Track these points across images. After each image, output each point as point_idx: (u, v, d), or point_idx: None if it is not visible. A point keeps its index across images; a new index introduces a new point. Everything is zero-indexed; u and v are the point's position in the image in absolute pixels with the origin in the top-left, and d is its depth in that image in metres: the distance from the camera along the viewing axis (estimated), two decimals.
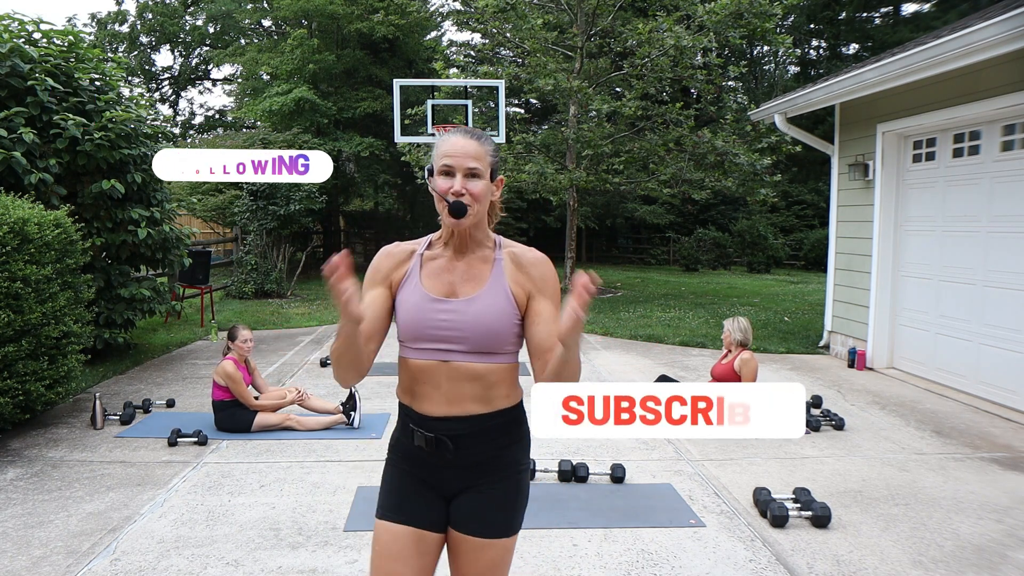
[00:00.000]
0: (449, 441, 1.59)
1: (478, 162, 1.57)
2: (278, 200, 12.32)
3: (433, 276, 1.64)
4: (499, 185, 1.69)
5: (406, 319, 1.61)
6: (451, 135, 1.61)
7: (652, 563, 2.92)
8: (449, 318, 1.58)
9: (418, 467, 1.64)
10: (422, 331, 1.58)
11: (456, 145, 1.58)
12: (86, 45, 6.57)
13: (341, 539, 3.13)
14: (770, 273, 19.50)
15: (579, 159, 12.79)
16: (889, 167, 6.66)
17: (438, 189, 1.57)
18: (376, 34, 17.48)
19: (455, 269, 1.64)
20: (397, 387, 1.71)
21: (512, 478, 1.66)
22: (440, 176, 1.58)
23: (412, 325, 1.59)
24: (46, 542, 3.07)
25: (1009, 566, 2.91)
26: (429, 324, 1.58)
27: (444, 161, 1.57)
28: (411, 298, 1.62)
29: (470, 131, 1.62)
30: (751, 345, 4.82)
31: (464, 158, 1.56)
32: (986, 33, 4.60)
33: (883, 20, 22.98)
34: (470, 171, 1.57)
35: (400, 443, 1.69)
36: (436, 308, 1.59)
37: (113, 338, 6.39)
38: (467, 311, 1.58)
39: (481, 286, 1.61)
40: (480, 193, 1.57)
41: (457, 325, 1.57)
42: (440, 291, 1.62)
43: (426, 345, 1.58)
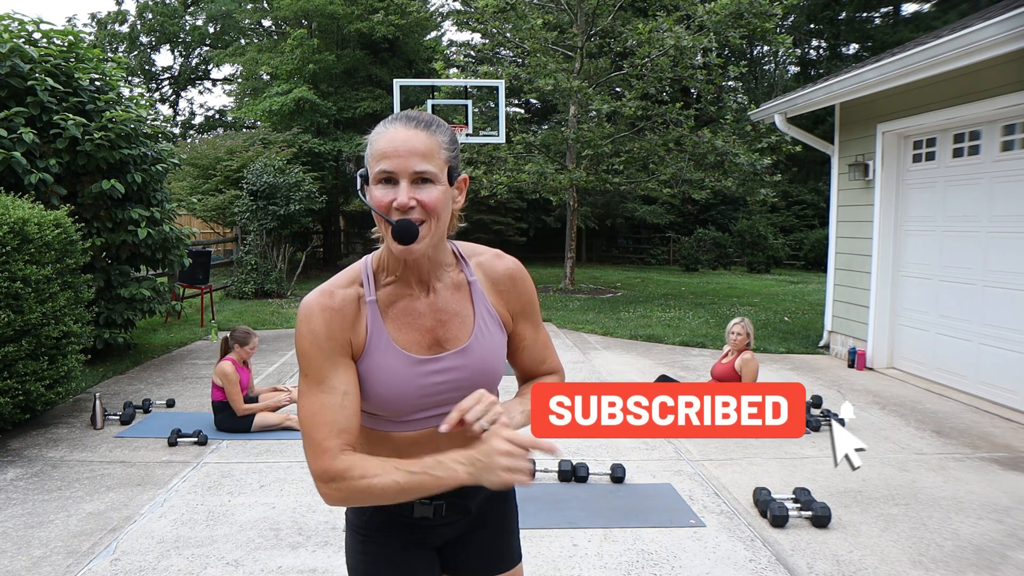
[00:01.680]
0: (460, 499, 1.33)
1: (428, 161, 1.15)
2: (278, 200, 12.32)
3: (403, 327, 1.24)
4: (462, 187, 1.27)
5: (387, 395, 1.23)
6: (388, 126, 1.17)
7: (652, 563, 2.92)
8: (447, 378, 1.25)
9: (409, 534, 1.36)
10: (415, 402, 1.24)
11: (396, 140, 1.14)
12: (86, 45, 6.57)
13: (341, 539, 3.13)
14: (770, 273, 19.50)
15: (579, 159, 12.79)
16: (889, 167, 6.66)
17: (377, 205, 1.15)
18: (376, 34, 17.49)
19: (426, 310, 1.26)
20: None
21: (509, 503, 1.48)
22: (378, 186, 1.16)
23: (399, 400, 1.23)
24: (46, 542, 3.07)
25: (1009, 566, 2.91)
26: (423, 392, 1.24)
27: (382, 165, 1.14)
28: (387, 367, 1.22)
29: (414, 117, 1.19)
30: (752, 345, 4.83)
31: (408, 158, 1.14)
32: (986, 33, 4.60)
33: (883, 20, 23.00)
34: (419, 175, 1.14)
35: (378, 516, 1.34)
36: (427, 371, 1.24)
37: (113, 338, 6.39)
38: (467, 364, 1.26)
39: (468, 325, 1.28)
40: (435, 204, 1.15)
41: (458, 383, 1.25)
42: (423, 346, 1.25)
43: (420, 415, 1.26)
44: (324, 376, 1.19)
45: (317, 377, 1.19)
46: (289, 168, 13.10)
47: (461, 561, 1.41)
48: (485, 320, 1.29)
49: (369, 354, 1.22)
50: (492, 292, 1.32)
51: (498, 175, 12.58)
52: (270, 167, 12.69)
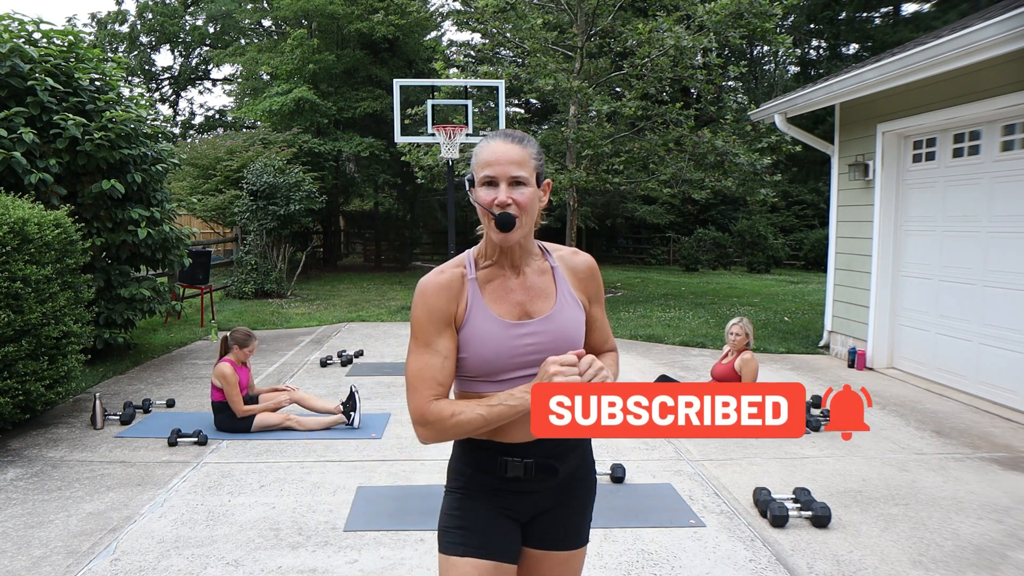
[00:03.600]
0: (552, 461, 1.52)
1: (522, 168, 1.45)
2: (278, 200, 12.33)
3: (498, 300, 1.52)
4: (546, 190, 1.56)
5: (485, 353, 1.48)
6: (490, 141, 1.48)
7: (652, 563, 2.92)
8: (534, 341, 1.49)
9: (503, 498, 1.55)
10: (507, 361, 1.48)
11: (497, 152, 1.45)
12: (86, 45, 6.57)
13: (341, 539, 3.13)
14: (770, 273, 19.50)
15: (579, 159, 12.79)
16: (889, 167, 6.66)
17: (481, 202, 1.46)
18: (376, 34, 17.48)
19: (517, 288, 1.53)
20: None
21: (591, 479, 1.65)
22: (482, 187, 1.47)
23: (494, 358, 1.48)
24: (46, 542, 3.07)
25: (1009, 566, 2.91)
26: (514, 352, 1.48)
27: (486, 172, 1.46)
28: (485, 329, 1.48)
29: (510, 134, 1.49)
30: (751, 345, 4.83)
31: (507, 165, 1.44)
32: (986, 33, 4.60)
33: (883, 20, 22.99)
34: (514, 179, 1.45)
35: (477, 478, 1.55)
36: (517, 334, 1.49)
37: (113, 338, 6.39)
38: (549, 329, 1.51)
39: (551, 300, 1.54)
40: (527, 202, 1.46)
41: (542, 347, 1.49)
42: (513, 314, 1.51)
43: (512, 375, 1.49)
44: (431, 340, 1.47)
45: (425, 340, 1.47)
46: (289, 168, 13.10)
47: (541, 533, 1.59)
48: (566, 298, 1.55)
49: (469, 320, 1.49)
50: (572, 278, 1.59)
51: None
52: (270, 167, 12.69)
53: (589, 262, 1.63)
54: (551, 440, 1.45)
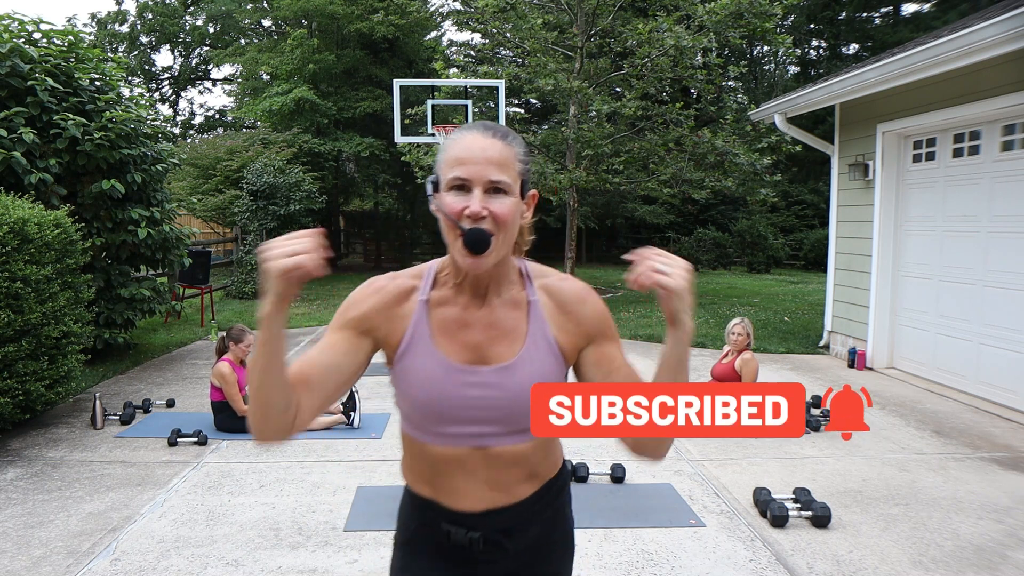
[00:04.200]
0: (503, 536, 1.25)
1: (504, 172, 1.12)
2: (278, 200, 12.33)
3: (449, 332, 1.20)
4: (531, 202, 1.23)
5: (421, 396, 1.19)
6: (465, 133, 1.15)
7: (652, 563, 2.92)
8: (482, 394, 1.18)
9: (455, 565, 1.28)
10: (446, 412, 1.18)
11: (473, 148, 1.12)
12: (86, 45, 6.57)
13: (341, 539, 3.13)
14: (770, 273, 19.50)
15: (579, 159, 12.79)
16: (889, 167, 6.66)
17: (447, 211, 1.12)
18: (376, 34, 17.49)
19: (477, 321, 1.20)
20: (404, 469, 1.32)
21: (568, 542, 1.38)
22: (450, 192, 1.12)
23: (431, 405, 1.19)
24: (46, 542, 3.07)
25: (1009, 566, 2.91)
26: (455, 403, 1.18)
27: (456, 172, 1.12)
28: (424, 367, 1.19)
29: (491, 127, 1.16)
30: (752, 345, 4.83)
31: (484, 166, 1.11)
32: (986, 33, 4.60)
33: (883, 20, 22.99)
34: (493, 185, 1.12)
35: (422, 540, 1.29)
36: (463, 382, 1.18)
37: (113, 338, 6.39)
38: (506, 384, 1.18)
39: (518, 344, 1.20)
40: (508, 216, 1.12)
41: (493, 403, 1.18)
42: (464, 355, 1.19)
43: (453, 429, 1.19)
44: (326, 334, 1.23)
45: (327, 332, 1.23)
46: (289, 168, 13.10)
47: None
48: (538, 343, 1.20)
49: (407, 352, 1.20)
50: (558, 315, 1.23)
51: None
52: (270, 167, 12.69)
53: (581, 290, 1.26)
54: (505, 511, 1.23)
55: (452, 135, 1.19)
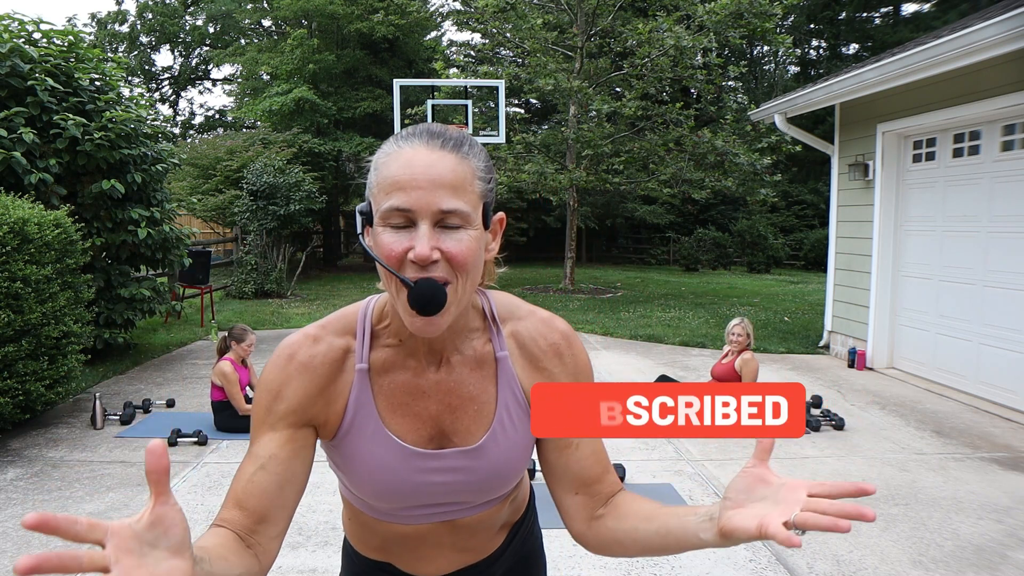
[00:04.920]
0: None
1: (459, 196, 0.84)
2: (278, 200, 12.32)
3: (400, 406, 0.96)
4: (499, 229, 0.95)
5: (371, 486, 0.98)
6: (403, 144, 0.86)
7: (652, 563, 2.92)
8: (447, 480, 0.97)
9: None
10: (404, 498, 0.99)
11: (415, 166, 0.83)
12: (86, 45, 6.57)
13: (341, 539, 3.13)
14: (770, 273, 19.50)
15: (579, 159, 12.79)
16: (889, 167, 6.66)
17: (384, 254, 0.84)
18: (376, 34, 17.49)
19: (432, 388, 0.97)
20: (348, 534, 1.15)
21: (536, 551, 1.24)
22: (386, 229, 0.84)
23: (385, 495, 0.98)
24: (46, 542, 3.07)
25: (1009, 566, 2.91)
26: (415, 491, 0.97)
27: (395, 200, 0.83)
28: (373, 454, 0.96)
29: (440, 133, 0.87)
30: (751, 345, 4.83)
31: (432, 191, 0.82)
32: (986, 33, 4.60)
33: (883, 20, 23.00)
34: (445, 216, 0.83)
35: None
36: (423, 467, 0.96)
37: (113, 338, 6.39)
38: (477, 467, 0.97)
39: (486, 415, 0.97)
40: (467, 257, 0.85)
41: (461, 487, 0.99)
42: (421, 433, 0.97)
43: (414, 512, 1.01)
44: (258, 436, 0.97)
45: (254, 434, 0.98)
46: (289, 168, 13.10)
47: None
48: (509, 411, 0.98)
49: (350, 435, 0.96)
50: (529, 369, 0.99)
51: (498, 175, 12.59)
52: (270, 167, 12.69)
53: (555, 343, 1.00)
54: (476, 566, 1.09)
55: (385, 146, 0.88)
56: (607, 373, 6.49)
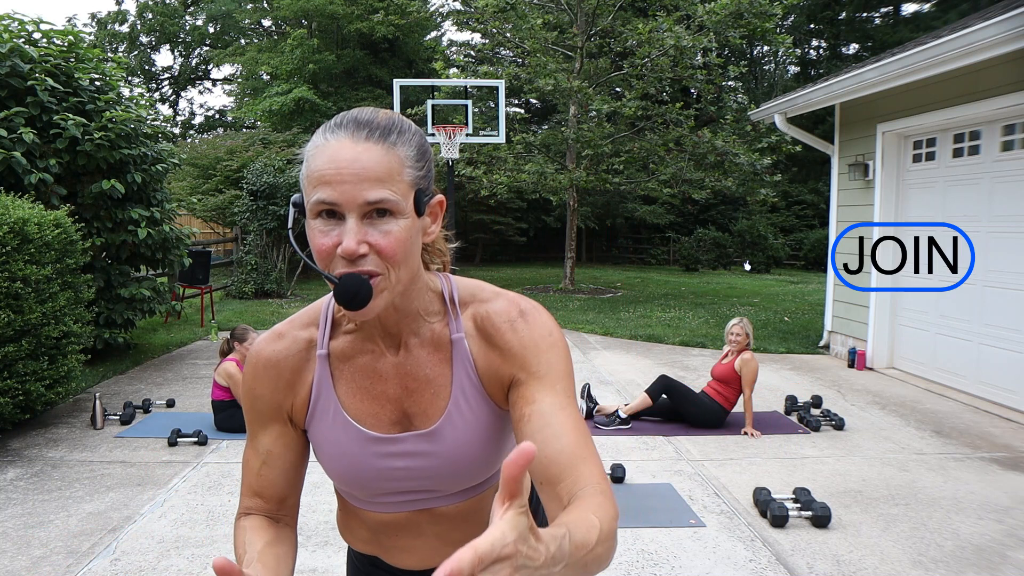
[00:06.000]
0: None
1: (386, 185, 0.83)
2: (278, 200, 12.32)
3: (359, 390, 0.98)
4: (436, 213, 0.94)
5: (338, 471, 1.01)
6: (329, 137, 0.85)
7: (652, 563, 2.92)
8: (407, 464, 0.98)
9: None
10: (369, 485, 1.00)
11: (339, 159, 0.83)
12: (86, 45, 6.57)
13: (341, 539, 3.12)
14: (770, 273, 19.51)
15: (579, 159, 12.79)
16: (889, 167, 6.66)
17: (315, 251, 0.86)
18: (376, 34, 17.50)
19: (390, 371, 0.98)
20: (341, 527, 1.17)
21: None
22: (316, 220, 0.85)
23: (350, 480, 1.01)
24: (46, 542, 3.07)
25: (1009, 566, 2.91)
26: (377, 476, 0.99)
27: (320, 193, 0.83)
28: (335, 439, 0.98)
29: (366, 122, 0.86)
30: (751, 345, 4.83)
31: (357, 184, 0.82)
32: (986, 33, 4.60)
33: (883, 20, 23.00)
34: (372, 207, 0.83)
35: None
36: (382, 452, 0.98)
37: (113, 338, 6.39)
38: (434, 451, 0.97)
39: (442, 398, 0.97)
40: (395, 248, 0.85)
41: (422, 472, 0.99)
42: (381, 417, 0.98)
43: (384, 499, 1.02)
44: (254, 433, 1.03)
45: (251, 430, 1.04)
46: (289, 168, 13.10)
47: None
48: (465, 392, 0.97)
49: (315, 420, 0.99)
50: (485, 350, 0.97)
51: (498, 175, 12.59)
52: (270, 167, 12.69)
53: (508, 314, 0.96)
54: None
55: (314, 138, 0.88)
56: (607, 373, 6.49)
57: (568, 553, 0.68)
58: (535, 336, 0.95)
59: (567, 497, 0.84)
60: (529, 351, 0.94)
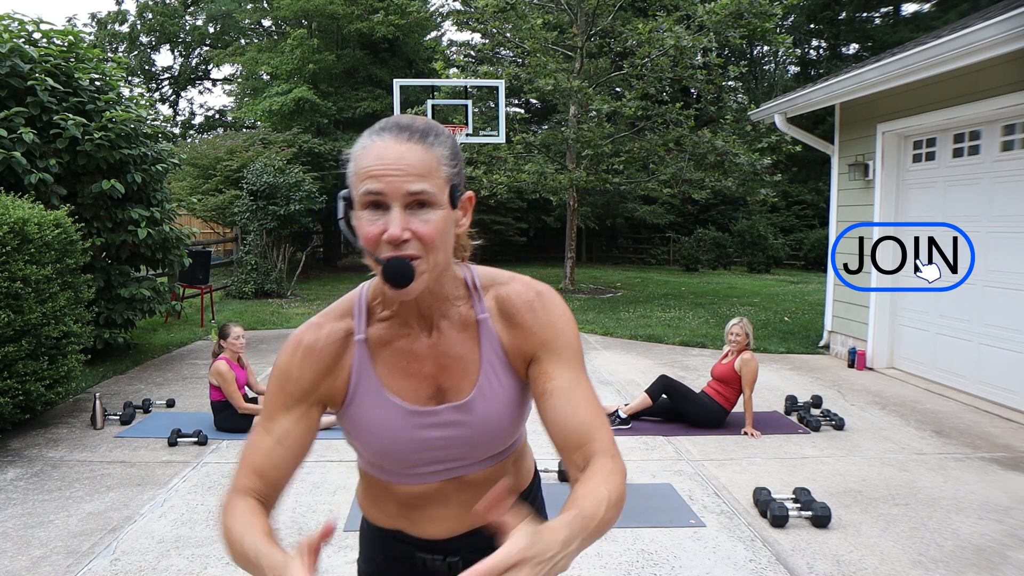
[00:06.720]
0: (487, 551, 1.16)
1: (426, 180, 0.96)
2: (278, 200, 12.32)
3: (398, 370, 1.09)
4: (466, 208, 1.06)
5: (377, 447, 1.10)
6: (375, 138, 0.98)
7: (652, 563, 2.92)
8: (443, 434, 1.09)
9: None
10: (408, 457, 1.10)
11: (386, 157, 0.95)
12: (86, 45, 6.57)
13: (341, 539, 3.13)
14: (770, 273, 19.50)
15: (579, 159, 12.79)
16: (889, 167, 6.66)
17: (363, 236, 0.97)
18: (376, 34, 17.50)
19: (425, 351, 1.09)
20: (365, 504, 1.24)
21: None
22: (364, 211, 0.97)
23: (390, 453, 1.10)
24: (46, 542, 3.07)
25: (1009, 566, 2.91)
26: (416, 447, 1.09)
27: (368, 185, 0.95)
28: (376, 416, 1.08)
29: (407, 126, 0.99)
30: (751, 345, 4.83)
31: (402, 178, 0.94)
32: (986, 33, 4.60)
33: (883, 20, 23.00)
34: (414, 198, 0.95)
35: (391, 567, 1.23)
36: (423, 424, 1.08)
37: (113, 338, 6.39)
38: (469, 420, 1.09)
39: (473, 375, 1.09)
40: (434, 235, 0.97)
41: (456, 441, 1.10)
42: (419, 395, 1.09)
43: (418, 470, 1.12)
44: (273, 415, 1.08)
45: (268, 412, 1.09)
46: (289, 168, 13.10)
47: None
48: (493, 367, 1.09)
49: (355, 401, 1.08)
50: (508, 328, 1.09)
51: (498, 175, 12.59)
52: (270, 167, 12.69)
53: (528, 296, 1.09)
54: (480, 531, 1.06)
55: (361, 140, 1.00)
56: (607, 373, 6.49)
57: (580, 529, 0.88)
58: (551, 316, 1.08)
59: (583, 462, 1.01)
60: (547, 330, 1.08)
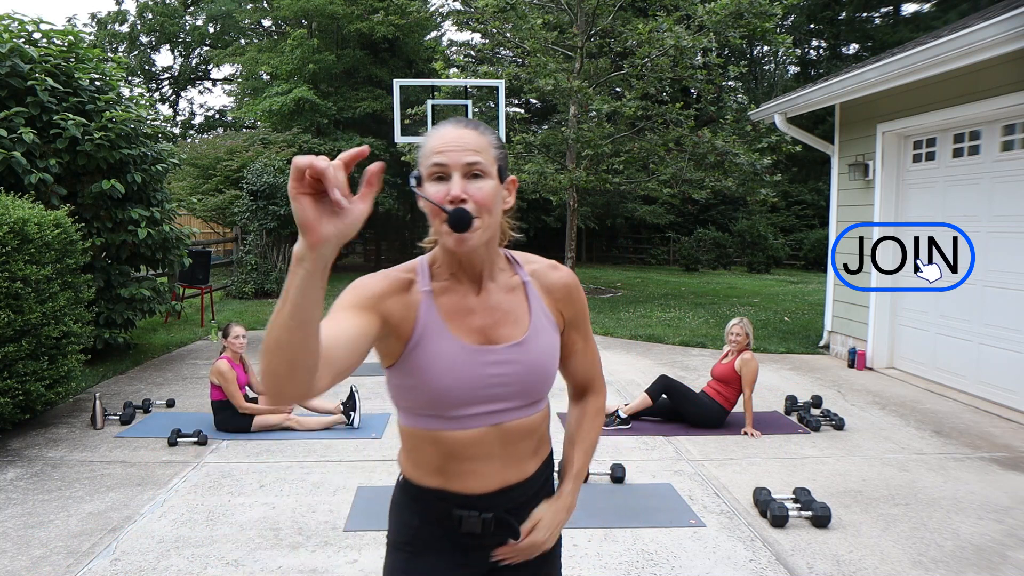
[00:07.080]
0: (513, 515, 1.31)
1: (480, 155, 1.19)
2: (278, 200, 12.32)
3: (457, 318, 1.26)
4: (511, 188, 1.29)
5: (443, 383, 1.22)
6: (440, 127, 1.23)
7: (652, 563, 2.92)
8: (501, 371, 1.25)
9: (458, 553, 1.32)
10: (468, 394, 1.23)
11: (448, 137, 1.20)
12: (86, 45, 6.57)
13: (341, 539, 3.13)
14: (770, 273, 19.50)
15: (579, 159, 12.79)
16: (889, 167, 6.66)
17: (431, 197, 1.18)
18: (376, 34, 17.49)
19: (478, 306, 1.27)
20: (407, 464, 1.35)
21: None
22: (431, 182, 1.19)
23: (454, 389, 1.22)
24: (46, 542, 3.07)
25: (1009, 566, 2.91)
26: (476, 383, 1.23)
27: (434, 159, 1.18)
28: (442, 352, 1.22)
29: (463, 120, 1.25)
30: (751, 345, 4.82)
31: (461, 152, 1.18)
32: (986, 33, 4.60)
33: (883, 20, 23.01)
34: (470, 168, 1.18)
35: (426, 530, 1.32)
36: (481, 361, 1.24)
37: (113, 338, 6.39)
38: (522, 359, 1.26)
39: (524, 322, 1.29)
40: (487, 198, 1.18)
41: (511, 378, 1.26)
42: (477, 338, 1.26)
43: (471, 411, 1.24)
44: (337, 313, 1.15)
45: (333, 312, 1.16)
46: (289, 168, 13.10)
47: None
48: (541, 319, 1.31)
49: (422, 342, 1.22)
50: (546, 297, 1.34)
51: None
52: (270, 167, 12.68)
53: (567, 280, 1.36)
54: (516, 487, 1.31)
55: (430, 131, 1.25)
56: (607, 373, 6.49)
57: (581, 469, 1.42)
58: (582, 299, 1.39)
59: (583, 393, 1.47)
60: (579, 311, 1.39)
